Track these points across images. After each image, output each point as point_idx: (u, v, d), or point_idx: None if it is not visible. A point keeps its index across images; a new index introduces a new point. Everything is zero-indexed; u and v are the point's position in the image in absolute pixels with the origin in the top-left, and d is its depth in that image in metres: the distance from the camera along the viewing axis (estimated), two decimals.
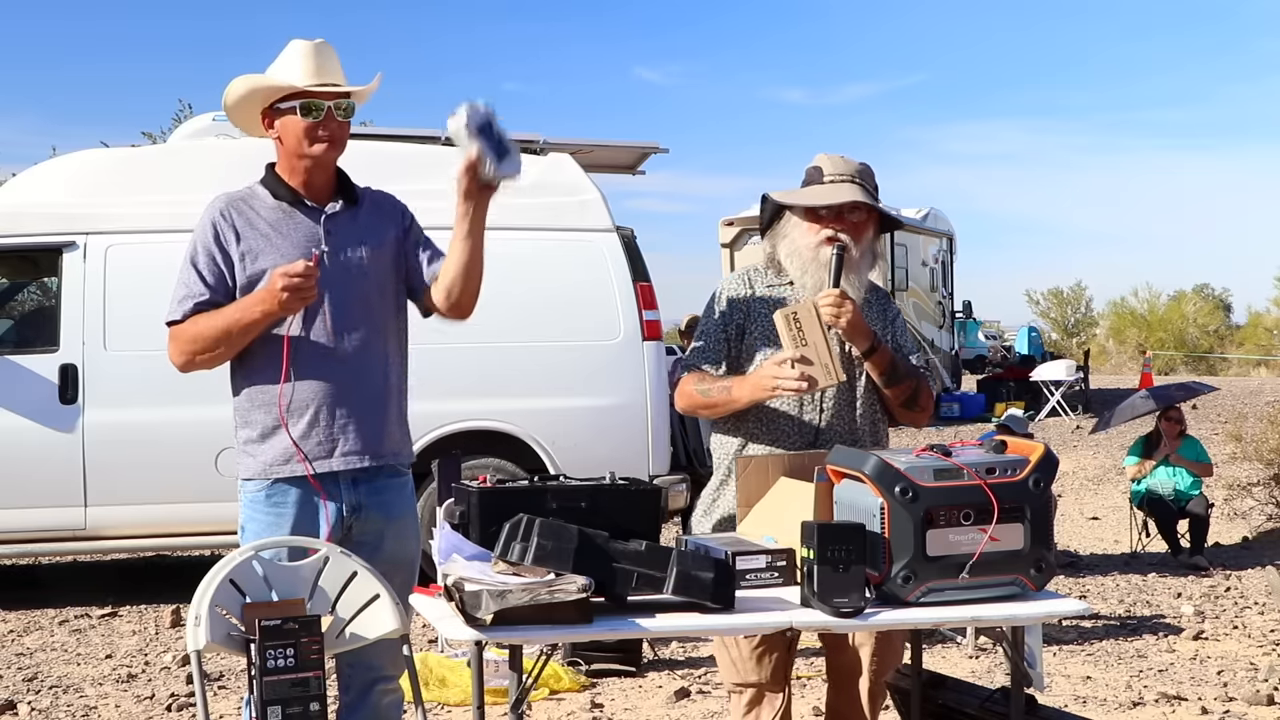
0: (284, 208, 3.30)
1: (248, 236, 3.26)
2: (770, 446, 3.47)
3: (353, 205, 3.35)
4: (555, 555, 2.73)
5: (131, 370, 7.31)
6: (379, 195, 3.44)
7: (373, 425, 3.29)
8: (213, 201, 3.34)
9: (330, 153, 3.29)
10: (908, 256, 20.50)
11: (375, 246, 3.32)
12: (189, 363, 3.27)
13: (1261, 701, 5.53)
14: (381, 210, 3.39)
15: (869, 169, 3.54)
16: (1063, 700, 5.44)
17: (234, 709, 5.40)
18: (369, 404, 3.28)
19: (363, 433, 3.27)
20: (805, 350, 3.29)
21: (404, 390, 3.41)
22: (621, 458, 6.70)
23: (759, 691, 3.50)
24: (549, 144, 8.41)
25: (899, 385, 3.47)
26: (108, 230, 7.47)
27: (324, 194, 3.33)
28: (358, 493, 3.28)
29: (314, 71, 3.26)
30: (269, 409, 3.24)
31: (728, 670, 3.55)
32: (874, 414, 3.54)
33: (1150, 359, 24.59)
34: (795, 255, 3.49)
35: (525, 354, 7.76)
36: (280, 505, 3.26)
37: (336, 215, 3.32)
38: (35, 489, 7.32)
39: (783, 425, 3.48)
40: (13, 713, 5.61)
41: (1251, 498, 10.69)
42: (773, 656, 3.47)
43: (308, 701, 2.86)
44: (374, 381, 3.30)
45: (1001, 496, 2.89)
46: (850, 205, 3.44)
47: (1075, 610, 3.09)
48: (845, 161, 3.51)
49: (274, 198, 3.31)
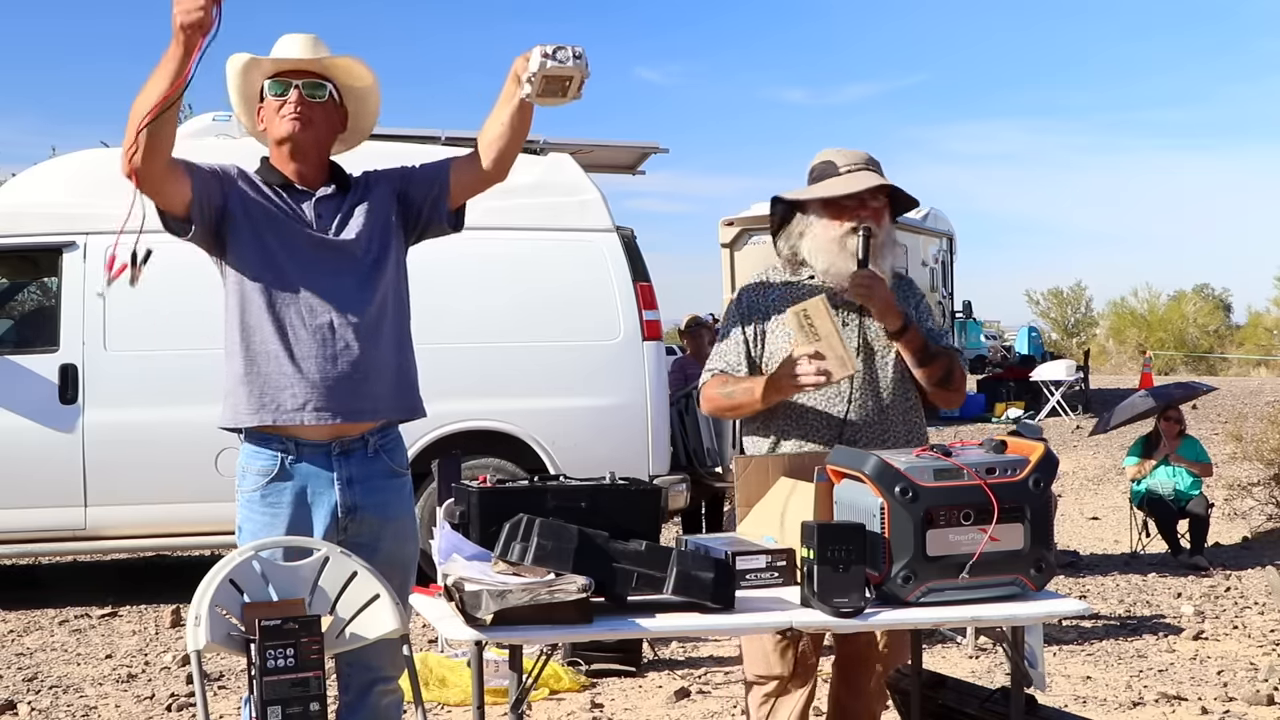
0: (275, 189, 3.31)
1: (241, 197, 3.26)
2: (801, 441, 3.50)
3: (345, 190, 3.35)
4: (555, 555, 2.73)
5: (131, 370, 7.32)
6: (375, 174, 3.44)
7: (359, 393, 3.24)
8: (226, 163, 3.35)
9: (303, 134, 3.27)
10: (908, 256, 20.43)
11: (371, 223, 3.32)
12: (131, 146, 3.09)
13: (1261, 701, 5.53)
14: (378, 184, 3.38)
15: (875, 158, 3.59)
16: (1063, 700, 5.44)
17: (234, 709, 5.40)
18: (359, 376, 3.25)
19: (352, 400, 3.24)
20: (819, 345, 3.32)
21: (406, 369, 3.37)
22: (621, 458, 6.70)
23: (781, 685, 3.51)
24: (549, 144, 8.41)
25: (932, 365, 3.49)
26: (108, 230, 7.46)
27: (316, 182, 3.34)
28: (353, 492, 3.28)
29: (282, 52, 3.28)
30: (253, 362, 3.23)
31: (755, 663, 3.55)
32: (905, 404, 3.56)
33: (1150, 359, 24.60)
34: (820, 249, 3.52)
35: (525, 354, 7.77)
36: (275, 505, 3.26)
37: (328, 198, 3.32)
38: (35, 489, 7.32)
39: (811, 420, 3.51)
40: (13, 713, 5.61)
41: (1251, 498, 10.68)
42: (796, 650, 3.48)
43: (308, 701, 2.86)
44: (368, 356, 3.26)
45: (1001, 496, 2.89)
46: (871, 192, 3.48)
47: (1075, 610, 3.09)
48: (855, 152, 3.57)
49: (266, 183, 3.32)
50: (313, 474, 3.26)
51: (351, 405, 3.25)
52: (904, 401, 3.56)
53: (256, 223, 3.25)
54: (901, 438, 3.51)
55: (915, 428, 3.58)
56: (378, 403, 3.30)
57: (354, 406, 3.25)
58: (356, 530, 3.28)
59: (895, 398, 3.54)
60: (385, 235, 3.35)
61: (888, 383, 3.53)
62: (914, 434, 3.55)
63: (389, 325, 3.33)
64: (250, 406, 3.24)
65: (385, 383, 3.31)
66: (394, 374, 3.34)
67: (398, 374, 3.35)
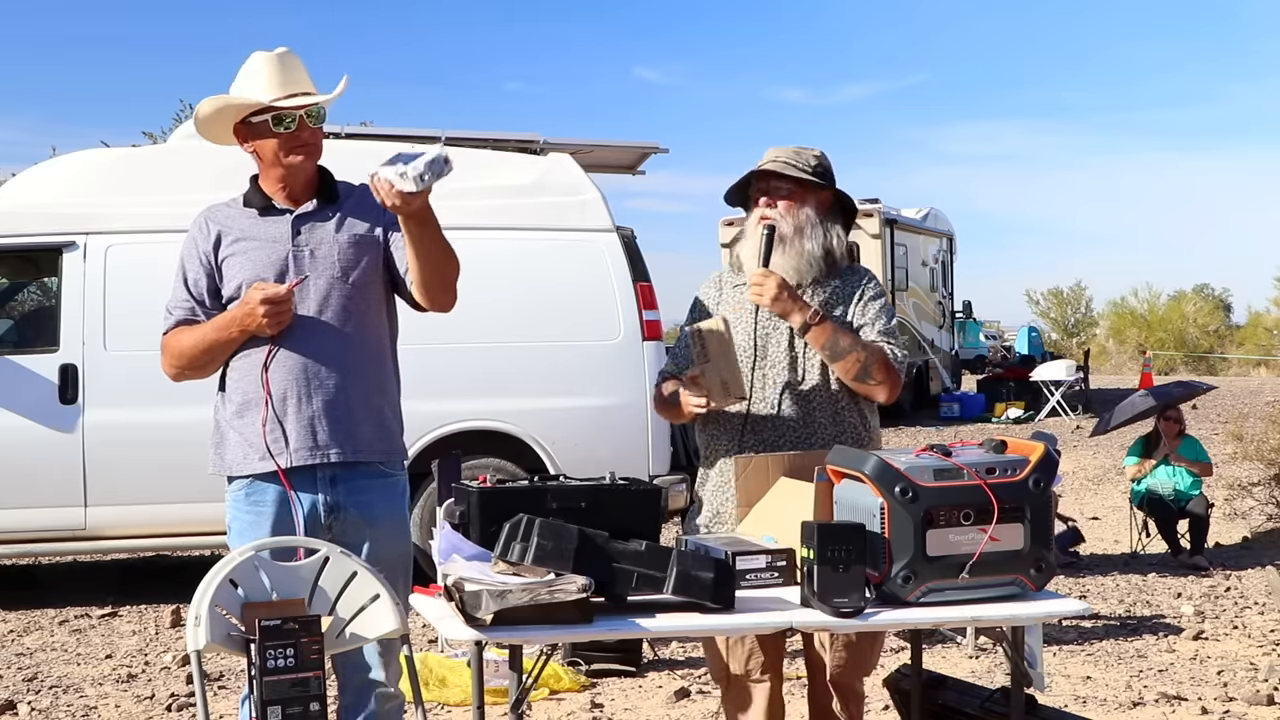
0: (254, 214, 3.36)
1: (226, 244, 3.34)
2: (710, 440, 3.55)
3: (331, 203, 3.37)
4: (555, 555, 2.73)
5: (131, 370, 7.30)
6: (363, 188, 3.43)
7: (336, 422, 3.28)
8: (198, 214, 3.42)
9: (308, 161, 3.34)
10: (908, 256, 20.48)
11: (351, 243, 3.34)
12: (178, 376, 3.41)
13: (1261, 701, 5.53)
14: (365, 205, 3.38)
15: (809, 152, 3.56)
16: (1063, 700, 5.44)
17: (234, 709, 5.39)
18: (334, 400, 3.29)
19: (325, 429, 3.28)
20: (705, 367, 3.36)
21: (385, 387, 3.39)
22: (621, 458, 6.69)
23: (743, 681, 3.51)
24: (549, 144, 8.41)
25: (842, 359, 3.42)
26: (108, 230, 7.47)
27: (303, 196, 3.37)
28: (336, 492, 3.28)
29: (280, 83, 3.29)
30: (248, 404, 3.30)
31: (714, 662, 3.57)
32: (836, 402, 3.50)
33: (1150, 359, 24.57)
34: (746, 249, 3.56)
35: (525, 354, 7.76)
36: (259, 504, 3.29)
37: (308, 215, 3.35)
38: (35, 489, 7.32)
39: (721, 420, 3.53)
40: (13, 713, 5.61)
41: (1251, 498, 10.67)
42: (759, 648, 3.48)
43: (308, 701, 2.86)
44: (342, 378, 3.29)
45: (1001, 496, 2.89)
46: (767, 181, 3.50)
47: (1075, 610, 3.09)
48: (782, 149, 3.57)
49: (245, 205, 3.38)
50: (296, 473, 3.28)
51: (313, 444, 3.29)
52: (834, 400, 3.50)
53: (233, 266, 3.33)
54: (830, 437, 3.43)
55: (849, 426, 3.50)
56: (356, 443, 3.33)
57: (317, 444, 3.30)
58: (341, 529, 3.28)
59: (822, 396, 3.49)
60: (377, 255, 3.38)
61: (813, 380, 3.49)
62: (846, 433, 3.48)
63: (368, 348, 3.37)
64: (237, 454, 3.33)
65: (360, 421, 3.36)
66: (368, 408, 3.36)
67: (375, 411, 3.38)
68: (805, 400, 3.49)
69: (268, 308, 3.18)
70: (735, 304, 3.57)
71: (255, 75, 3.31)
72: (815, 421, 3.49)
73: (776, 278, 3.41)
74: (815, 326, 3.41)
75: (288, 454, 3.26)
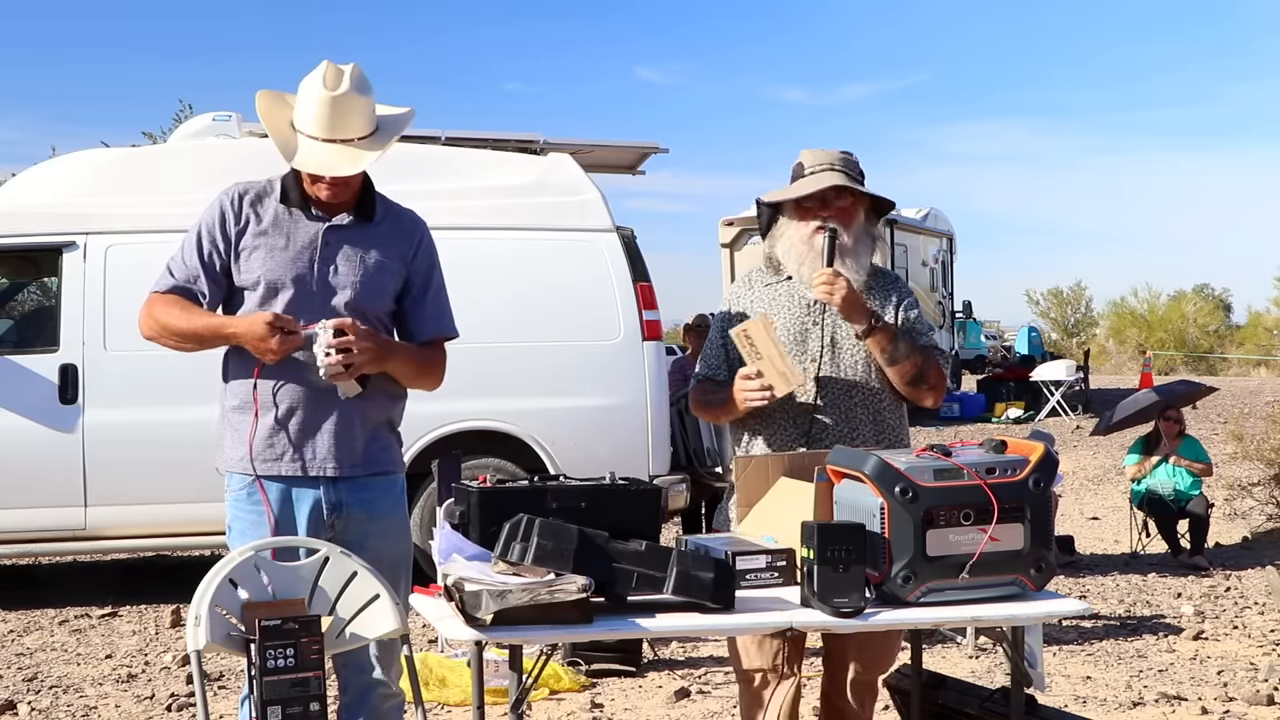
0: (290, 211, 3.30)
1: (253, 232, 3.27)
2: (768, 445, 3.53)
3: (367, 220, 3.34)
4: (555, 555, 2.73)
5: (131, 370, 7.31)
6: (400, 212, 3.43)
7: (337, 438, 3.28)
8: (230, 186, 3.34)
9: (336, 197, 3.28)
10: (908, 256, 20.49)
11: (376, 268, 3.32)
12: (154, 338, 3.32)
13: (1261, 701, 5.53)
14: (398, 228, 3.38)
15: (850, 156, 3.61)
16: (1063, 700, 5.44)
17: (234, 709, 5.39)
18: (336, 417, 3.28)
19: (325, 445, 3.28)
20: (760, 363, 3.40)
21: (386, 405, 3.38)
22: (621, 458, 6.69)
23: (764, 678, 3.51)
24: (549, 144, 8.42)
25: (901, 363, 3.49)
26: (108, 230, 7.47)
27: (341, 206, 3.32)
28: (338, 490, 3.28)
29: (327, 127, 3.22)
30: (243, 406, 3.29)
31: (739, 659, 3.56)
32: (876, 404, 3.55)
33: (1150, 359, 24.59)
34: (791, 250, 3.57)
35: (525, 354, 7.76)
36: (260, 503, 3.27)
37: (341, 228, 3.31)
38: (35, 489, 7.32)
39: (779, 420, 3.53)
40: (13, 713, 5.61)
41: (1251, 498, 10.68)
42: (779, 644, 3.48)
43: (308, 701, 2.86)
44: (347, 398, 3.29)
45: (1001, 496, 2.89)
46: (834, 192, 3.51)
47: (1075, 610, 3.09)
48: (825, 152, 3.59)
49: (282, 197, 3.31)
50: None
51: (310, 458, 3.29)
52: (874, 401, 3.55)
53: (254, 257, 3.29)
54: (870, 438, 3.48)
55: (887, 428, 3.56)
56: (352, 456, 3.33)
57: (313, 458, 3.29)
58: (344, 528, 3.28)
59: (862, 397, 3.53)
60: (396, 279, 3.37)
61: (855, 382, 3.53)
62: (884, 434, 3.53)
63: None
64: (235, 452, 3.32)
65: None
66: (367, 425, 3.35)
67: (373, 427, 3.37)
68: (846, 398, 3.53)
69: (279, 338, 3.15)
70: (768, 302, 3.61)
71: (307, 106, 3.24)
72: (856, 419, 3.52)
73: (846, 278, 3.44)
74: (878, 330, 3.46)
75: (282, 464, 3.26)
